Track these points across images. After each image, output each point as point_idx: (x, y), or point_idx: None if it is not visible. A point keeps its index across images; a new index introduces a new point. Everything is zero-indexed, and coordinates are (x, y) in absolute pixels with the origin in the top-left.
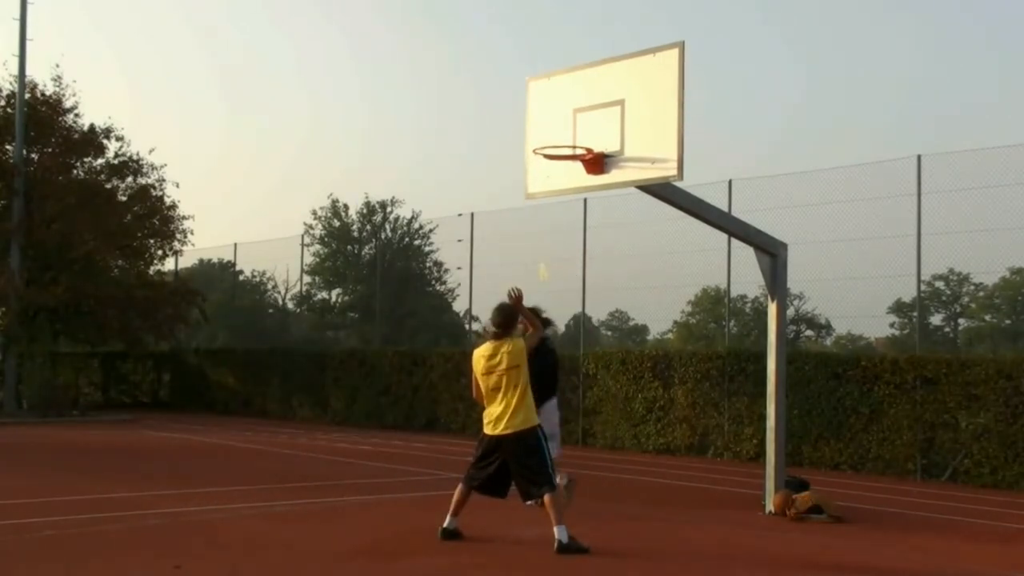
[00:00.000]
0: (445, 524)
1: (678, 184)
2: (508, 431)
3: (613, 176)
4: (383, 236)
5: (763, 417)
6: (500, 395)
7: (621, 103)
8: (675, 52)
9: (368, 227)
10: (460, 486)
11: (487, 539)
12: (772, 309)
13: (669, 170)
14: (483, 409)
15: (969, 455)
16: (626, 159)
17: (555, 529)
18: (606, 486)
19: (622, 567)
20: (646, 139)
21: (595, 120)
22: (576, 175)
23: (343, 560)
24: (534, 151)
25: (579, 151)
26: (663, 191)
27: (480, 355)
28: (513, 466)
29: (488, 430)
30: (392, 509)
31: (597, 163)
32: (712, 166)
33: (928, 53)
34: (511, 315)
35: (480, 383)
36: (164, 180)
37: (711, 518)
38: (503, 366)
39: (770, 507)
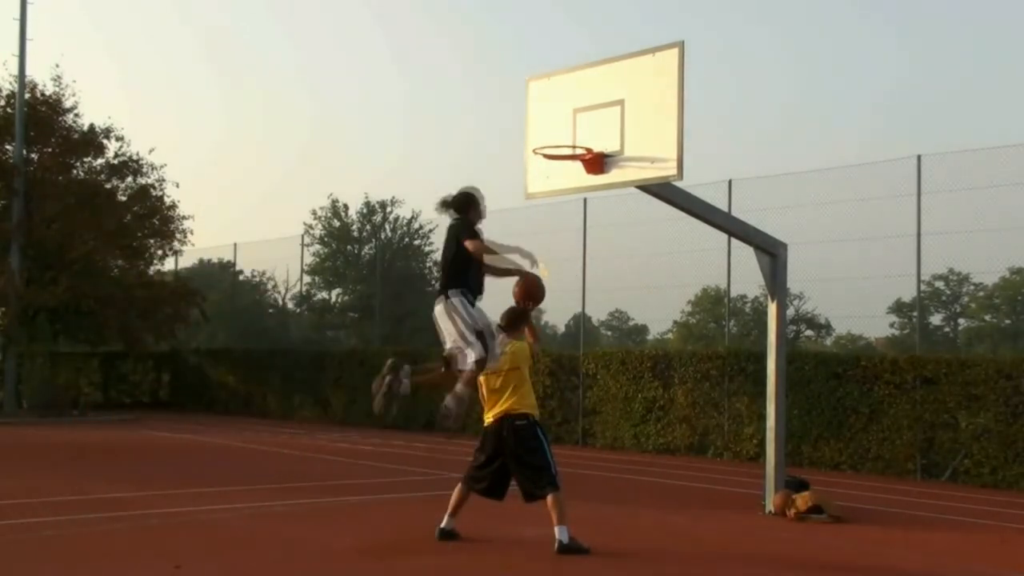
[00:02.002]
0: (443, 524)
1: (678, 184)
2: (508, 411)
3: (613, 176)
4: (383, 236)
5: (763, 417)
6: (501, 397)
7: (621, 103)
8: (675, 52)
9: (368, 227)
10: (459, 487)
11: (487, 539)
12: (772, 309)
13: (669, 170)
14: (484, 411)
15: (969, 455)
16: (626, 159)
17: (556, 529)
18: (606, 486)
19: (622, 567)
20: (646, 139)
21: (595, 120)
22: (576, 175)
23: (343, 560)
24: (534, 151)
25: (579, 151)
26: (663, 191)
27: None
28: (513, 465)
29: (488, 420)
30: (392, 509)
31: (597, 163)
32: (712, 166)
33: (929, 52)
34: (517, 317)
35: (482, 384)
36: (164, 180)
37: (711, 518)
38: (504, 367)
39: (770, 507)
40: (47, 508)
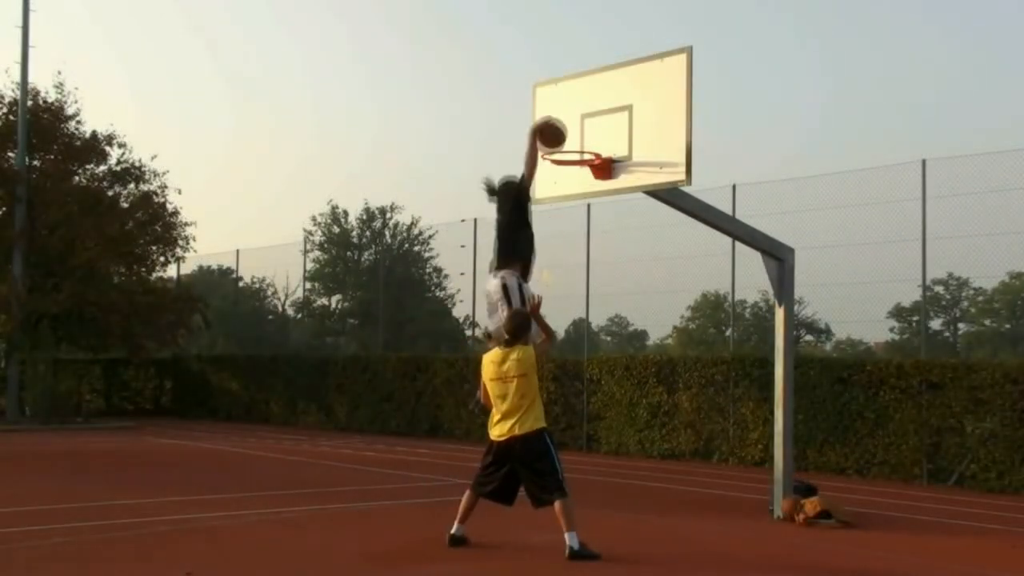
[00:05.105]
0: (453, 531)
1: (685, 189)
2: (516, 433)
3: (621, 181)
4: (383, 242)
5: (768, 422)
6: (507, 402)
7: (629, 108)
8: (683, 57)
9: (368, 233)
10: (467, 493)
11: (496, 545)
12: (780, 314)
13: (678, 175)
14: (488, 415)
15: (975, 460)
16: (634, 164)
17: (566, 535)
18: (613, 492)
19: (633, 573)
20: (654, 144)
21: (603, 125)
22: (584, 180)
23: (350, 567)
24: (542, 156)
25: (587, 156)
26: (670, 196)
27: (489, 360)
28: (522, 471)
29: (494, 435)
30: (397, 515)
31: (605, 168)
32: (714, 171)
33: (931, 55)
34: (524, 322)
35: (488, 388)
36: (166, 187)
37: (720, 524)
38: (512, 373)
39: (779, 512)
40: (56, 515)
